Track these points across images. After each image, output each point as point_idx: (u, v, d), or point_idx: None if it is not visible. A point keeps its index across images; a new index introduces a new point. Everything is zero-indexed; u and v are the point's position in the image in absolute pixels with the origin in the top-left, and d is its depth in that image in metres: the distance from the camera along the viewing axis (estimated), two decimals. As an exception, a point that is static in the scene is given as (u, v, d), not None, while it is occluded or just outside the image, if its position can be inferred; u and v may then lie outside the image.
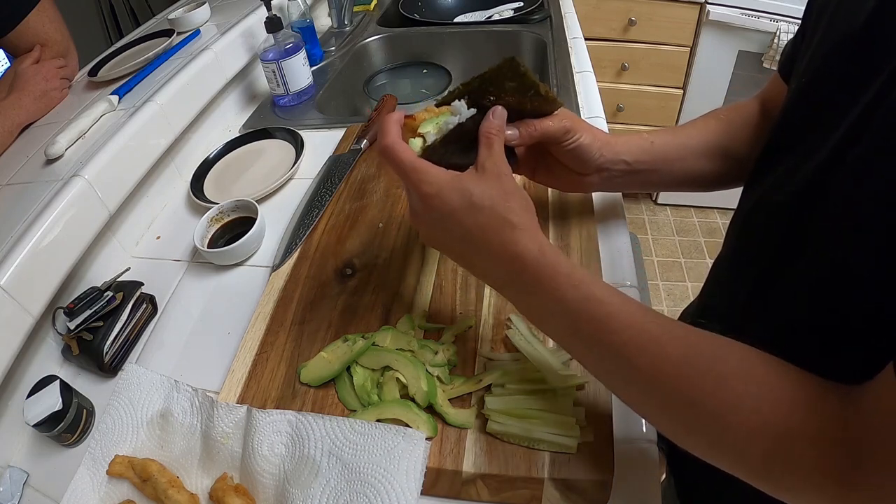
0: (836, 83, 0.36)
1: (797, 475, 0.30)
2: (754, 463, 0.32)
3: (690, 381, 0.33)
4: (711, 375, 0.32)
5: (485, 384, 0.46)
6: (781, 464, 0.30)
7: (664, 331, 0.34)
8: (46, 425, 0.49)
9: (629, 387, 0.37)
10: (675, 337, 0.34)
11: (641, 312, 0.35)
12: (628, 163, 0.54)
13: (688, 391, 0.33)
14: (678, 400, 0.33)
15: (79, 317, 0.57)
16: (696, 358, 0.33)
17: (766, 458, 0.31)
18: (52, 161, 0.68)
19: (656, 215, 2.17)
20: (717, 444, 0.33)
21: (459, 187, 0.40)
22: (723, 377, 0.32)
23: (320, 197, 0.72)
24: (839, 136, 0.34)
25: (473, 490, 0.43)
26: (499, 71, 0.44)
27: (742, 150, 0.53)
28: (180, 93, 0.80)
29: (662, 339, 0.34)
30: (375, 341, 0.51)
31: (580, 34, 1.11)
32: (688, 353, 0.33)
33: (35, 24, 0.83)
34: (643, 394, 0.36)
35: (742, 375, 0.32)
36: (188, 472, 0.47)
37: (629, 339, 0.34)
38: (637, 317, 0.35)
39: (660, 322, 0.35)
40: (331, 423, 0.45)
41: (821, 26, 0.39)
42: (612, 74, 1.88)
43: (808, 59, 0.41)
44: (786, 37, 1.54)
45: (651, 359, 0.34)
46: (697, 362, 0.33)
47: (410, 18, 1.23)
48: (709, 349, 0.33)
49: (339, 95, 1.09)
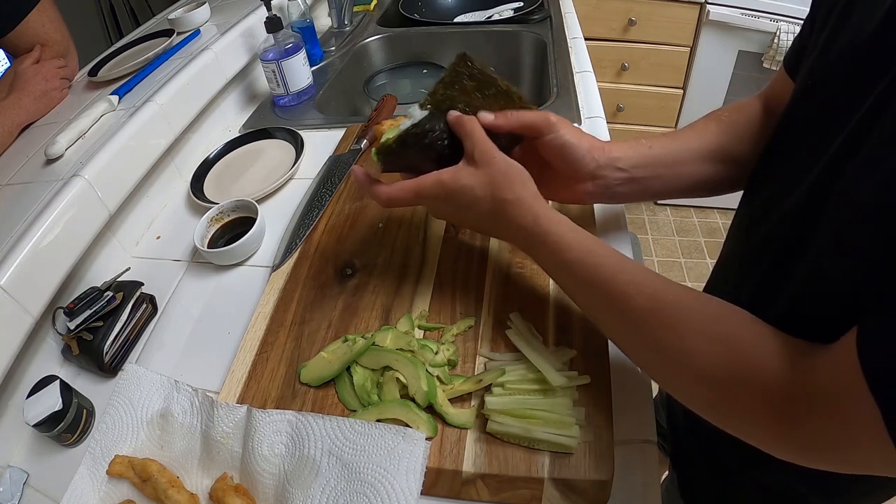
0: (840, 87, 0.36)
1: (741, 416, 0.35)
2: (699, 404, 0.37)
3: (655, 331, 0.38)
4: (675, 324, 0.37)
5: (485, 384, 0.46)
6: (728, 405, 0.35)
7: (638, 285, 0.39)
8: (46, 425, 0.49)
9: (616, 326, 0.42)
10: (645, 290, 0.39)
11: (626, 270, 0.40)
12: (625, 169, 0.52)
13: (655, 334, 0.38)
14: (648, 343, 0.39)
15: (79, 317, 0.57)
16: (659, 311, 0.38)
17: (712, 401, 0.36)
18: (52, 161, 0.68)
19: (656, 215, 2.17)
20: (673, 384, 0.39)
21: (460, 187, 0.46)
22: (682, 329, 0.36)
23: (320, 197, 0.72)
24: (840, 142, 0.34)
25: (473, 490, 0.43)
26: (454, 71, 0.46)
27: (744, 153, 0.52)
28: (180, 93, 0.80)
29: (629, 290, 0.39)
30: (375, 341, 0.51)
31: (580, 34, 1.11)
32: (654, 307, 0.38)
33: (35, 24, 0.83)
34: (624, 333, 0.42)
35: (704, 328, 0.36)
36: (188, 472, 0.47)
37: (616, 290, 0.40)
38: (621, 275, 0.40)
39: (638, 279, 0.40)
40: (331, 423, 0.45)
41: (829, 25, 0.39)
42: (612, 74, 1.88)
43: (814, 59, 0.40)
44: (786, 37, 1.54)
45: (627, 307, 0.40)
46: (661, 315, 0.38)
47: (410, 18, 1.23)
48: (674, 302, 0.38)
49: (339, 95, 1.09)
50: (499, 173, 0.45)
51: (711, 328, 0.35)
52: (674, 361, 0.37)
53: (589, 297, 0.43)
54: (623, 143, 0.53)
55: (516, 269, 0.57)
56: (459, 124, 0.47)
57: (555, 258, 0.44)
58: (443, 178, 0.47)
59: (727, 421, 0.36)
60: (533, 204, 0.45)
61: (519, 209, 0.45)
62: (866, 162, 0.31)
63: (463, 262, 0.59)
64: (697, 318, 0.36)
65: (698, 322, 0.36)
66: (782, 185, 0.41)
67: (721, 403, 0.36)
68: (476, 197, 0.45)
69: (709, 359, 0.35)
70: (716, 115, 0.55)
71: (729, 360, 0.34)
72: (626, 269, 0.40)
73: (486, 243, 0.61)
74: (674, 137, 0.54)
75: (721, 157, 0.53)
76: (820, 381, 0.30)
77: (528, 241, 0.45)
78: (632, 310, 0.39)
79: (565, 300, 0.53)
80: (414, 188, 0.48)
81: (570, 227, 0.44)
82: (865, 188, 0.30)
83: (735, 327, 0.35)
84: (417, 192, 0.48)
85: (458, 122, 0.47)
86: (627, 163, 0.52)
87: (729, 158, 0.52)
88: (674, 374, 0.38)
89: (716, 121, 0.54)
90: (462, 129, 0.47)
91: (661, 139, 0.54)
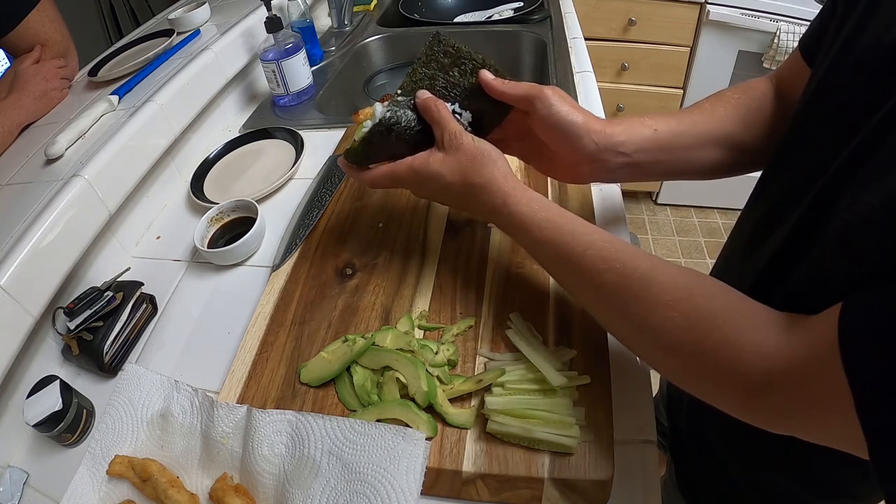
0: (861, 89, 0.35)
1: (712, 386, 0.35)
2: (672, 375, 0.38)
3: (626, 306, 0.38)
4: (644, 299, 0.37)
5: (485, 384, 0.46)
6: (697, 376, 0.36)
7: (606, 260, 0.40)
8: (46, 425, 0.49)
9: (591, 301, 0.43)
10: (613, 265, 0.39)
11: (594, 246, 0.41)
12: (627, 154, 0.50)
13: (625, 310, 0.39)
14: (620, 317, 0.40)
15: (79, 317, 0.57)
16: (628, 287, 0.38)
17: (683, 372, 0.37)
18: (52, 161, 0.68)
19: (656, 215, 2.17)
20: (647, 355, 0.40)
21: (431, 173, 0.48)
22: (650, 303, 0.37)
23: (320, 197, 0.72)
24: (855, 145, 0.33)
25: (473, 490, 0.43)
26: (430, 50, 0.48)
27: (753, 139, 0.50)
28: (180, 93, 0.80)
29: (598, 266, 0.40)
30: (375, 341, 0.51)
31: (580, 34, 1.11)
32: (623, 282, 0.39)
33: (35, 24, 0.83)
34: (599, 308, 0.42)
35: (672, 301, 0.36)
36: (188, 472, 0.47)
37: (586, 267, 0.41)
38: (590, 250, 0.41)
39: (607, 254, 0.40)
40: (331, 423, 0.45)
41: (852, 19, 0.37)
42: (612, 74, 1.88)
43: (835, 54, 0.38)
44: (786, 37, 1.54)
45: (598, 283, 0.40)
46: (629, 290, 0.38)
47: (410, 18, 1.23)
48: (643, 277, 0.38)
49: (339, 95, 1.09)
50: (467, 158, 0.46)
51: (679, 301, 0.36)
52: (644, 335, 0.38)
53: (563, 274, 0.45)
54: (625, 124, 0.50)
55: (516, 269, 0.57)
56: (427, 109, 0.48)
57: (527, 237, 0.45)
58: (414, 165, 0.48)
59: (699, 391, 0.37)
60: (503, 185, 0.45)
61: (488, 192, 0.46)
62: (878, 167, 0.30)
63: (463, 262, 0.59)
64: (665, 291, 0.37)
65: (665, 295, 0.36)
66: (795, 182, 0.40)
67: (691, 375, 0.37)
68: (447, 182, 0.47)
69: (677, 331, 0.35)
70: (724, 95, 0.52)
71: (696, 333, 0.34)
72: (595, 244, 0.41)
73: (486, 243, 0.61)
74: (679, 119, 0.51)
75: (729, 144, 0.51)
76: (794, 353, 0.30)
77: (501, 221, 0.47)
78: (602, 285, 0.40)
79: (565, 300, 0.53)
80: (388, 174, 0.50)
81: (540, 206, 0.44)
82: (874, 193, 0.29)
83: (703, 300, 0.35)
84: (392, 177, 0.50)
85: (425, 108, 0.49)
86: (630, 147, 0.49)
87: (734, 143, 0.51)
88: (647, 346, 0.39)
89: (724, 102, 0.51)
90: (430, 116, 0.48)
91: (666, 120, 0.51)
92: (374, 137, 0.49)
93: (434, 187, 0.49)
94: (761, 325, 0.33)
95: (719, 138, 0.50)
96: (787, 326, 0.32)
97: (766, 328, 0.32)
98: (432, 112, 0.48)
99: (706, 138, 0.50)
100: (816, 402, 0.29)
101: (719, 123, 0.51)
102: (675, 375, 0.38)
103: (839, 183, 0.34)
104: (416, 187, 0.51)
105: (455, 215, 0.65)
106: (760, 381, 0.31)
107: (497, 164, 0.46)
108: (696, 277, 0.37)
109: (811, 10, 1.53)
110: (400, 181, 0.50)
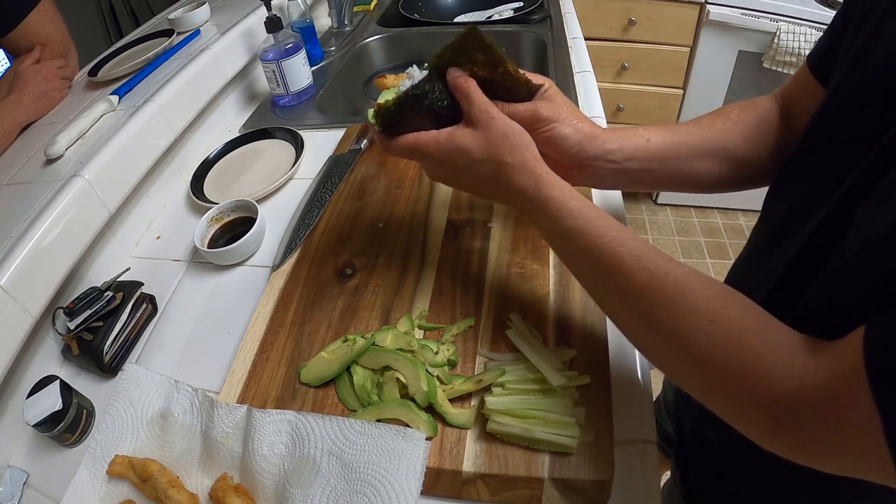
0: (874, 105, 0.34)
1: (736, 406, 0.34)
2: (696, 389, 0.36)
3: (654, 309, 0.36)
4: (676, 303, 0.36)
5: (485, 384, 0.46)
6: (723, 393, 0.34)
7: (640, 259, 0.38)
8: (46, 425, 0.49)
9: (614, 301, 0.41)
10: (647, 265, 0.37)
11: (628, 243, 0.39)
12: (616, 161, 0.50)
13: (654, 313, 0.37)
14: (646, 321, 0.37)
15: (79, 317, 0.57)
16: (661, 289, 0.36)
17: (709, 387, 0.35)
18: (52, 161, 0.68)
19: (656, 215, 2.17)
20: (670, 365, 0.38)
21: (458, 147, 0.44)
22: (683, 308, 0.35)
23: (320, 197, 0.72)
24: (869, 162, 0.32)
25: (473, 490, 0.43)
26: (464, 41, 0.45)
27: (753, 154, 0.50)
28: (180, 93, 0.80)
29: (630, 264, 0.38)
30: (375, 341, 0.51)
31: (580, 34, 1.11)
32: (655, 283, 0.37)
33: (35, 24, 0.83)
34: (622, 309, 0.40)
35: (705, 310, 0.34)
36: (188, 472, 0.47)
37: (617, 263, 0.39)
38: (623, 247, 0.39)
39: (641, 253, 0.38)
40: (331, 423, 0.45)
41: (864, 33, 0.37)
42: (612, 74, 1.88)
43: (847, 68, 0.38)
44: (786, 37, 1.54)
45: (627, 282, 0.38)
46: (662, 293, 0.36)
47: (410, 18, 1.23)
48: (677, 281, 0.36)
49: (339, 95, 1.09)
50: (498, 135, 0.43)
51: (713, 311, 0.34)
52: (671, 342, 0.36)
53: (588, 268, 0.42)
54: (621, 133, 0.51)
55: (516, 269, 0.57)
56: (457, 85, 0.46)
57: (556, 225, 0.42)
58: (440, 137, 0.45)
59: (721, 409, 0.35)
60: (535, 167, 0.43)
61: (520, 173, 0.43)
62: (892, 185, 0.29)
63: (463, 262, 0.59)
64: (699, 299, 0.35)
65: (700, 303, 0.34)
66: (807, 196, 0.39)
67: (717, 390, 0.35)
68: (473, 159, 0.44)
69: (707, 342, 0.33)
70: (725, 111, 0.52)
71: (728, 346, 0.33)
72: (628, 241, 0.39)
73: (486, 243, 0.61)
74: (675, 131, 0.51)
75: (723, 156, 0.50)
76: (820, 379, 0.29)
77: (529, 206, 0.44)
78: (631, 285, 0.37)
79: (565, 300, 0.53)
80: (410, 144, 0.46)
81: (573, 195, 0.42)
82: (888, 211, 0.28)
83: (739, 312, 0.34)
84: (413, 147, 0.46)
85: (455, 83, 0.46)
86: (620, 155, 0.50)
87: (731, 157, 0.50)
88: (671, 355, 0.37)
89: (723, 118, 0.51)
90: (459, 91, 0.46)
91: (661, 132, 0.51)
92: (409, 100, 0.46)
93: (458, 164, 0.45)
94: (792, 346, 0.31)
95: (715, 151, 0.50)
96: (813, 350, 0.30)
97: (796, 350, 0.31)
98: (461, 87, 0.45)
99: (700, 150, 0.50)
100: (844, 429, 0.27)
101: (717, 136, 0.50)
102: (700, 390, 0.36)
103: (854, 198, 0.33)
104: (434, 164, 0.47)
105: (455, 215, 0.65)
106: (787, 403, 0.30)
107: (529, 147, 0.44)
108: (732, 291, 0.36)
109: (811, 10, 1.53)
110: (419, 152, 0.47)
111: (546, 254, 0.58)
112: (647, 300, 0.37)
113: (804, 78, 0.47)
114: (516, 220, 0.63)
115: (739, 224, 2.10)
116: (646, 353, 0.40)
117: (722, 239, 2.04)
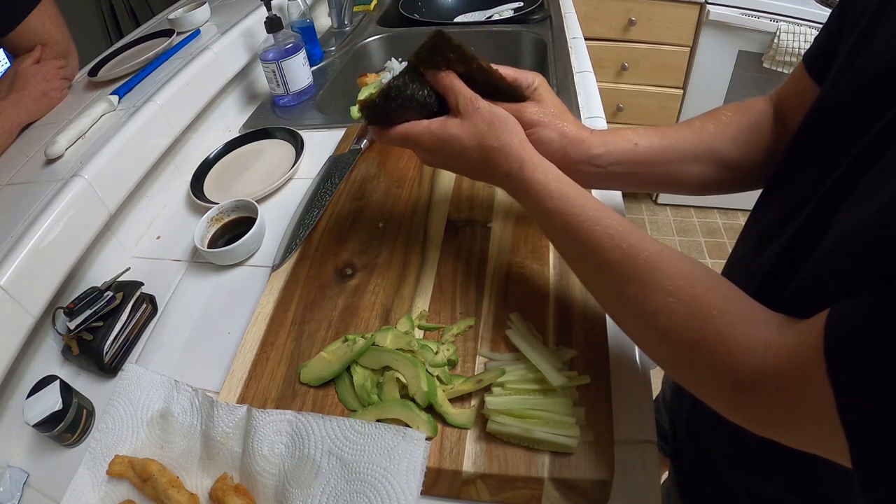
0: (863, 104, 0.34)
1: (700, 379, 0.36)
2: (662, 362, 0.38)
3: (626, 286, 0.38)
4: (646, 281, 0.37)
5: (485, 384, 0.46)
6: (687, 366, 0.36)
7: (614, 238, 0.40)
8: (46, 425, 0.49)
9: (590, 276, 0.44)
10: (620, 244, 0.39)
11: (603, 222, 0.41)
12: (601, 166, 0.50)
13: (625, 290, 0.39)
14: (618, 296, 0.40)
15: (79, 317, 0.57)
16: (632, 267, 0.38)
17: (673, 361, 0.37)
18: (52, 161, 0.68)
19: (656, 215, 2.17)
20: (640, 339, 0.40)
21: (449, 136, 0.47)
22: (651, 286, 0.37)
23: (320, 197, 0.72)
24: (852, 159, 0.33)
25: (473, 490, 0.43)
26: (434, 45, 0.47)
27: (744, 157, 0.50)
28: (180, 93, 0.80)
29: (605, 242, 0.40)
30: (375, 341, 0.51)
31: (580, 34, 1.11)
32: (627, 261, 0.38)
33: (35, 24, 0.83)
34: (597, 284, 0.43)
35: (672, 288, 0.36)
36: (188, 472, 0.47)
37: (592, 242, 0.41)
38: (598, 226, 0.41)
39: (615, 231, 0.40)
40: (331, 423, 0.45)
41: (857, 32, 0.37)
42: (612, 74, 1.88)
43: (838, 68, 0.38)
44: (786, 37, 1.54)
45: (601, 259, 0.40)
46: (633, 271, 0.38)
47: (410, 18, 1.23)
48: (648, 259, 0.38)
49: (339, 95, 1.09)
50: (483, 122, 0.46)
51: (680, 289, 0.36)
52: (640, 317, 0.38)
53: (567, 246, 0.44)
54: (609, 136, 0.51)
55: (516, 269, 0.57)
56: (440, 81, 0.48)
57: (537, 205, 0.44)
58: (432, 127, 0.48)
59: (687, 382, 0.37)
60: (519, 151, 0.46)
61: (505, 157, 0.45)
62: (872, 181, 0.30)
63: (463, 262, 0.59)
64: (667, 277, 0.36)
65: (667, 281, 0.36)
66: (797, 196, 0.40)
67: (681, 365, 0.37)
68: (463, 146, 0.47)
69: (672, 318, 0.35)
70: (717, 113, 0.52)
71: (691, 322, 0.34)
72: (603, 221, 0.41)
73: (486, 243, 0.61)
74: (664, 134, 0.51)
75: (713, 160, 0.50)
76: (782, 356, 0.30)
77: (513, 187, 0.47)
78: (605, 262, 0.40)
79: (565, 300, 0.53)
80: (404, 133, 0.49)
81: (554, 176, 0.44)
82: (865, 207, 0.29)
83: (704, 290, 0.35)
84: (406, 137, 0.49)
85: (438, 79, 0.48)
86: (606, 160, 0.50)
87: (721, 161, 0.50)
88: (640, 329, 0.39)
89: (715, 120, 0.51)
90: (443, 85, 0.48)
91: (650, 135, 0.51)
92: (393, 91, 0.47)
93: (448, 152, 0.48)
94: (757, 323, 0.33)
95: (704, 154, 0.50)
96: (780, 328, 0.32)
97: (761, 327, 0.32)
98: (443, 80, 0.48)
99: (689, 154, 0.51)
100: (800, 406, 0.29)
101: (707, 140, 0.51)
102: (666, 363, 0.38)
103: (836, 197, 0.33)
104: (428, 152, 0.49)
105: (455, 215, 0.65)
106: (747, 379, 0.31)
107: (514, 130, 0.46)
108: (701, 269, 0.37)
109: (811, 10, 1.53)
110: (413, 142, 0.49)
111: (546, 254, 0.58)
112: (619, 277, 0.39)
113: (801, 78, 0.47)
114: (516, 220, 0.63)
115: (739, 224, 2.10)
116: (619, 324, 0.42)
117: (722, 239, 2.04)
